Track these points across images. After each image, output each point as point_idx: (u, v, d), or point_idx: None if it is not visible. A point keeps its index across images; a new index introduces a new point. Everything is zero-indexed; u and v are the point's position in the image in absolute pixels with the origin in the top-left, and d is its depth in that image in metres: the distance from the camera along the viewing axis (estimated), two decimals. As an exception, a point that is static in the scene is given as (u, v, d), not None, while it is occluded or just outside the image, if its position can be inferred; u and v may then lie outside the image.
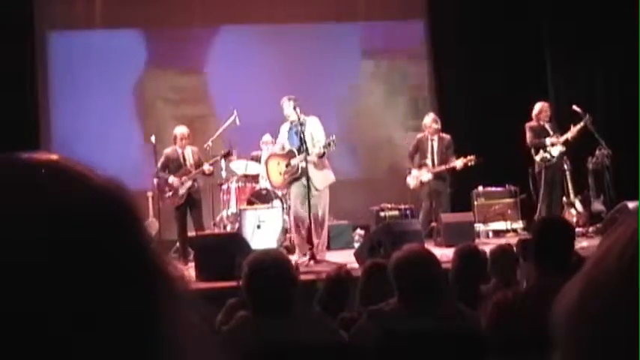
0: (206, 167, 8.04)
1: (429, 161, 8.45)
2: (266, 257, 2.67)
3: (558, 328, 0.61)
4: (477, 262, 3.80)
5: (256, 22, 10.12)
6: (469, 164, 8.19)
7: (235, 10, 10.03)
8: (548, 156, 8.33)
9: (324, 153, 7.17)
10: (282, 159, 7.39)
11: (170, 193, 7.96)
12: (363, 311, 2.99)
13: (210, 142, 8.34)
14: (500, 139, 9.30)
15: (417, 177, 8.48)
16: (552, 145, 8.33)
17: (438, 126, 8.43)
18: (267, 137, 8.64)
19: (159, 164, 8.06)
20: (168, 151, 8.12)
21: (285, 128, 7.43)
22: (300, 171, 7.17)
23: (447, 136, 8.45)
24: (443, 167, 8.33)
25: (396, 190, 9.13)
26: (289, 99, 7.34)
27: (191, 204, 8.00)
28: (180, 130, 8.15)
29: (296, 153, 7.22)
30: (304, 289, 2.77)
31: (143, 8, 9.88)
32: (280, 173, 7.38)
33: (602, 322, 0.58)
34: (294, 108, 7.22)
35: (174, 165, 8.04)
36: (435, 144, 8.45)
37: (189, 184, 7.99)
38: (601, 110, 9.56)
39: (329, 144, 7.16)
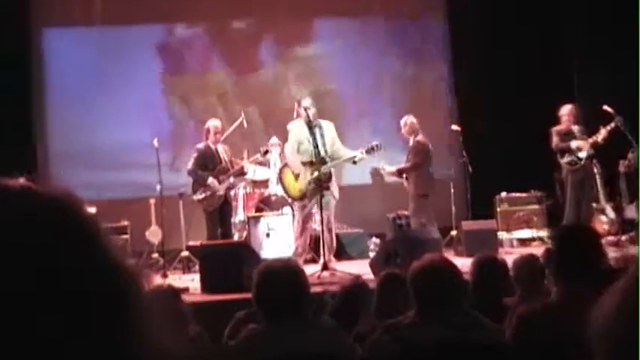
0: (246, 165, 7.83)
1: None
2: (277, 266, 2.69)
3: (596, 336, 0.63)
4: (497, 273, 3.79)
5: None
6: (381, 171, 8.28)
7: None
8: (575, 159, 8.32)
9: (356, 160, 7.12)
10: (307, 166, 7.11)
11: (207, 194, 7.69)
12: (379, 325, 3.00)
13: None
14: (525, 143, 9.30)
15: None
16: (579, 148, 8.31)
17: (409, 128, 8.29)
18: (274, 140, 8.61)
19: (192, 161, 7.74)
20: (201, 147, 7.81)
21: (300, 128, 7.17)
22: (328, 179, 7.04)
23: (417, 139, 8.27)
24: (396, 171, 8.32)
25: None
26: (309, 97, 7.29)
27: (224, 208, 7.80)
28: (214, 123, 7.88)
29: (327, 159, 7.03)
30: (316, 302, 2.79)
31: (146, 4, 9.97)
32: (308, 182, 7.07)
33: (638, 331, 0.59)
34: (306, 109, 7.13)
35: (211, 163, 7.77)
36: (410, 148, 8.40)
37: (227, 183, 7.78)
38: (633, 111, 9.53)
39: (372, 148, 7.04)
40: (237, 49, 10.25)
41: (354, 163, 7.22)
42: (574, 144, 8.33)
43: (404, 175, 8.28)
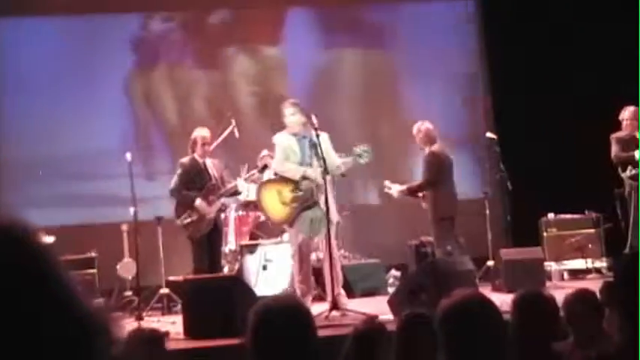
0: (240, 184, 7.88)
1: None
2: (279, 305, 2.66)
3: None
4: (544, 313, 3.76)
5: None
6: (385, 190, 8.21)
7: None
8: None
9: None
10: (284, 184, 7.27)
11: (194, 218, 7.74)
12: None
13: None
14: (579, 153, 9.27)
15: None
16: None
17: (423, 136, 8.22)
18: (265, 153, 8.59)
19: (175, 179, 7.83)
20: (185, 161, 7.89)
21: (287, 140, 7.33)
22: (313, 196, 7.12)
23: (431, 150, 8.16)
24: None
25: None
26: (293, 104, 7.37)
27: (213, 235, 7.83)
28: (202, 132, 7.95)
29: (310, 173, 7.15)
30: (325, 348, 2.78)
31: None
32: (285, 203, 7.23)
33: None
34: (308, 116, 7.21)
35: (198, 180, 7.83)
36: (422, 158, 8.33)
37: (218, 205, 7.83)
38: None
39: (360, 155, 7.09)
40: (211, 45, 10.36)
41: (343, 175, 7.25)
42: (638, 154, 8.31)
43: (420, 195, 8.23)
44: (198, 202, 7.73)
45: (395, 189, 8.17)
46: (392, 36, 10.64)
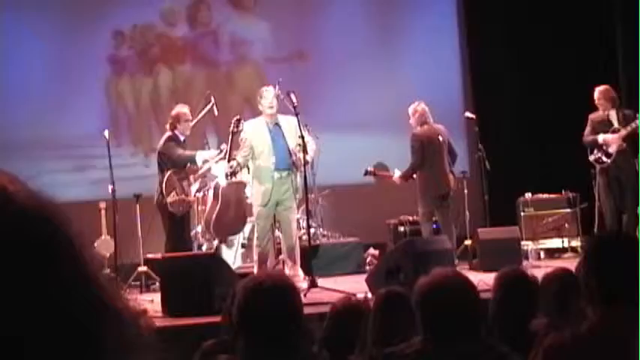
0: (213, 167, 7.92)
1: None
2: (269, 280, 2.65)
3: None
4: (526, 292, 3.79)
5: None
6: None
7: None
8: (602, 155, 8.27)
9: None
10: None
11: (180, 197, 7.77)
12: (378, 354, 3.00)
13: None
14: (556, 132, 9.30)
15: None
16: (606, 143, 8.25)
17: (419, 117, 8.20)
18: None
19: (175, 150, 7.82)
20: (170, 135, 7.92)
21: (256, 126, 7.47)
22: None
23: (412, 133, 8.22)
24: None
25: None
26: (266, 90, 7.46)
27: (188, 214, 7.93)
28: (183, 109, 7.99)
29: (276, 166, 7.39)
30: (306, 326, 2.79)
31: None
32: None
33: None
34: (287, 94, 7.29)
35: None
36: None
37: (197, 184, 7.88)
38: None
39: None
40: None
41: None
42: (601, 138, 8.26)
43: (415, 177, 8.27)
44: (205, 155, 7.83)
45: (396, 175, 8.24)
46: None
